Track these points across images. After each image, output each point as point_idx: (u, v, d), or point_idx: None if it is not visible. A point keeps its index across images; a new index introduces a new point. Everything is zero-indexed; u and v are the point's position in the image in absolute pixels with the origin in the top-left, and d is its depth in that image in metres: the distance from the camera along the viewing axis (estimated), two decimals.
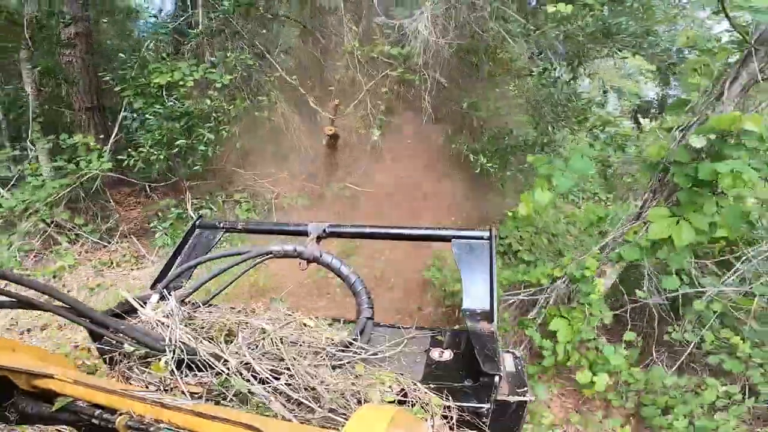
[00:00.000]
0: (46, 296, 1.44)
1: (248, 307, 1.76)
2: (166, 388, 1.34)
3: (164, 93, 5.69)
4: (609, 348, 3.33)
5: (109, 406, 1.03)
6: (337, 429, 1.13)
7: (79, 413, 1.09)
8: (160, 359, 1.37)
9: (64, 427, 1.28)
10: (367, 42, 6.05)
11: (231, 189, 6.30)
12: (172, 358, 1.33)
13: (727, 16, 2.80)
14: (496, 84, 6.35)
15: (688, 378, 3.31)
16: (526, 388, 1.45)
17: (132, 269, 5.43)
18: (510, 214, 3.68)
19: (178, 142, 5.72)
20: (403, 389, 1.32)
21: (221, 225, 2.35)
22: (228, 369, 1.26)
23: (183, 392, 1.29)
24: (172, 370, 1.32)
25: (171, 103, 5.74)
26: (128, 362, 1.47)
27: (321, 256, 1.97)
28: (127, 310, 1.76)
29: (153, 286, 2.02)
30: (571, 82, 6.27)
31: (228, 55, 5.83)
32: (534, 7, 5.51)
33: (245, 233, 2.44)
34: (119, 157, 6.01)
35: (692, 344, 3.27)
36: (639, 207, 3.48)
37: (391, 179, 6.22)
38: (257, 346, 1.39)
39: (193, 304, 1.78)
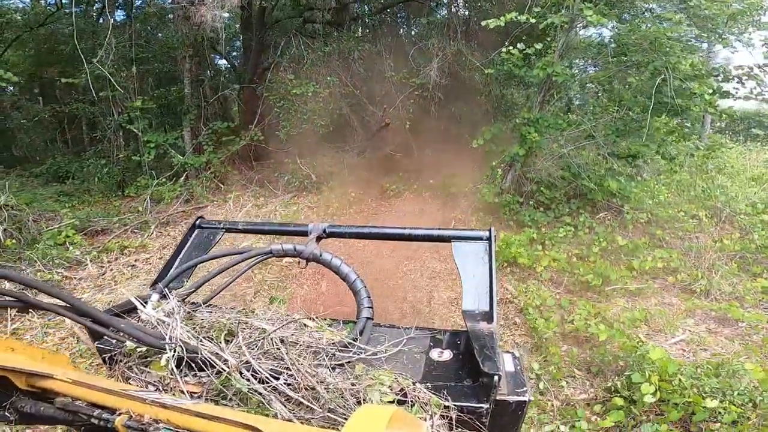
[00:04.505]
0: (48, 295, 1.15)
1: (248, 307, 1.42)
2: (166, 388, 1.14)
3: (294, 99, 7.41)
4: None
5: (109, 406, 0.94)
6: (337, 429, 0.93)
7: (79, 413, 1.00)
8: (160, 358, 1.14)
9: (64, 426, 1.10)
10: (398, 72, 7.83)
11: (318, 154, 8.26)
12: (173, 356, 1.13)
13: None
14: (469, 96, 8.86)
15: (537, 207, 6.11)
16: (525, 388, 1.22)
17: (269, 197, 7.64)
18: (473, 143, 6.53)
19: (303, 125, 7.82)
20: (402, 389, 1.12)
21: (221, 225, 1.89)
22: (228, 368, 1.10)
23: (182, 392, 1.08)
24: (172, 369, 1.13)
25: (299, 105, 7.48)
26: (128, 362, 1.20)
27: (321, 255, 1.58)
28: (127, 309, 1.40)
29: (153, 286, 1.59)
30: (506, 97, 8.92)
31: (328, 78, 7.71)
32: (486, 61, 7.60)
33: (246, 233, 2.41)
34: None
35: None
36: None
37: (414, 148, 8.15)
38: (257, 346, 1.18)
39: (193, 303, 1.40)
